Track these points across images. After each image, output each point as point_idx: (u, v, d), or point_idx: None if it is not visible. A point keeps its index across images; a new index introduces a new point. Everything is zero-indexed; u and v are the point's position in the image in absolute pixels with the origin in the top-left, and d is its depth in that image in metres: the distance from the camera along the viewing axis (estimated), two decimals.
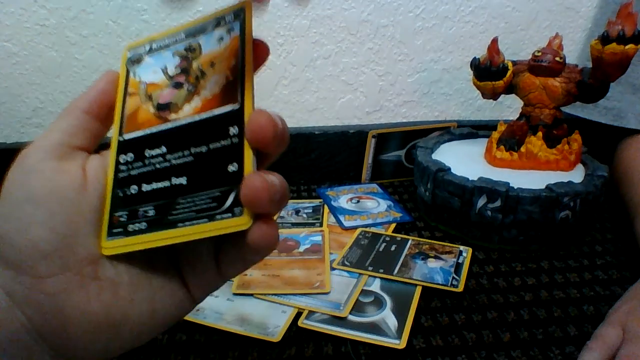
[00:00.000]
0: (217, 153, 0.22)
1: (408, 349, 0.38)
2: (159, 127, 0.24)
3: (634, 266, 0.49)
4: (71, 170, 0.23)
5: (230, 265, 0.24)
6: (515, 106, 0.75)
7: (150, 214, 0.22)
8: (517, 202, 0.48)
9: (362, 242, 0.53)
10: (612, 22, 0.47)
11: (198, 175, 0.22)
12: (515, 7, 0.70)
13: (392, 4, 0.67)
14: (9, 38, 0.61)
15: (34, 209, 0.21)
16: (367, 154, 0.69)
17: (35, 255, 0.21)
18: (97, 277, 0.22)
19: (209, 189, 0.21)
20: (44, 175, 0.22)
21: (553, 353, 0.38)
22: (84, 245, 0.22)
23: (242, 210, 0.20)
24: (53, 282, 0.21)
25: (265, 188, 0.20)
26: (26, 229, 0.21)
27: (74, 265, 0.21)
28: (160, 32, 0.28)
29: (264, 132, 0.21)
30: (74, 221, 0.22)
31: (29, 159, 0.23)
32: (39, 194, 0.21)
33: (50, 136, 0.24)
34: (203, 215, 0.21)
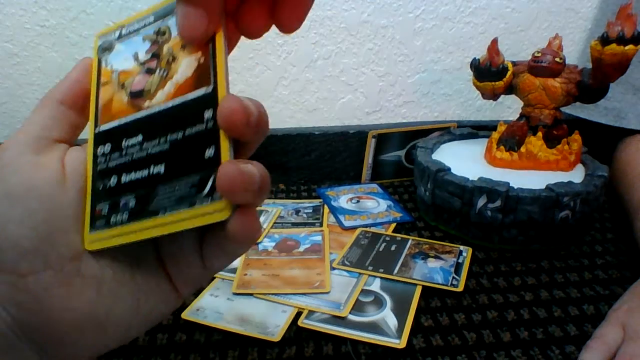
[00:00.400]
0: (193, 138, 0.21)
1: (408, 349, 0.38)
2: (134, 116, 0.24)
3: (634, 266, 0.49)
4: (49, 165, 0.22)
5: (214, 258, 0.24)
6: (515, 106, 0.75)
7: (132, 204, 0.22)
8: (517, 202, 0.48)
9: (362, 241, 0.53)
10: (612, 23, 0.47)
11: (176, 162, 0.22)
12: (515, 8, 0.70)
13: (392, 4, 0.67)
14: (10, 39, 0.61)
15: (11, 207, 0.21)
16: (367, 154, 0.69)
17: (15, 254, 0.20)
18: (79, 273, 0.22)
19: (187, 175, 0.21)
20: (21, 170, 0.21)
21: (553, 353, 0.38)
22: (65, 241, 0.21)
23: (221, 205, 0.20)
24: (35, 279, 0.21)
25: (240, 177, 0.19)
26: (5, 226, 0.20)
27: (55, 262, 0.21)
28: (130, 17, 0.27)
29: (235, 118, 0.20)
30: (53, 217, 0.21)
31: (6, 154, 0.22)
32: (16, 190, 0.21)
33: (27, 129, 0.23)
34: (184, 201, 0.21)
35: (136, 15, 0.26)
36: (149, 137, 0.23)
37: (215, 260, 0.24)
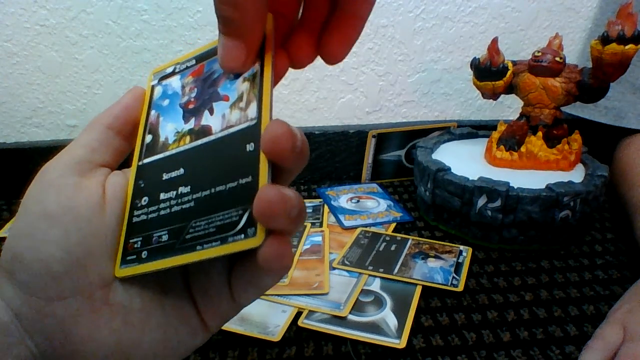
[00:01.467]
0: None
1: (408, 349, 0.38)
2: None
3: (634, 266, 0.49)
4: (91, 188, 0.22)
5: (243, 290, 0.23)
6: (515, 106, 0.75)
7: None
8: (517, 202, 0.48)
9: (362, 241, 0.53)
10: (612, 23, 0.47)
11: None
12: (515, 7, 0.70)
13: (392, 4, 0.67)
14: (9, 38, 0.61)
15: (49, 227, 0.20)
16: (367, 154, 0.69)
17: (46, 277, 0.20)
18: (108, 302, 0.21)
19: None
20: (62, 191, 0.21)
21: (553, 353, 0.38)
22: (97, 268, 0.21)
23: (255, 230, 0.19)
24: (63, 305, 0.20)
25: (280, 201, 0.18)
26: (39, 247, 0.20)
27: (85, 289, 0.21)
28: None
29: (280, 142, 0.19)
30: (88, 242, 0.21)
31: (49, 174, 0.22)
32: (55, 210, 0.20)
33: (72, 151, 0.23)
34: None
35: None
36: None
37: (244, 293, 0.23)
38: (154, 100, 0.27)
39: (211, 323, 0.24)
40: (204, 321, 0.24)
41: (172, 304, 0.23)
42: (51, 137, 0.67)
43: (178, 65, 0.27)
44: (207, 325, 0.24)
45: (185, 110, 0.25)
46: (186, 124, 0.24)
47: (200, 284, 0.24)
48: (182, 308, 0.23)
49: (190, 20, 0.64)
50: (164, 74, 0.28)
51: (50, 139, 0.67)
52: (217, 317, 0.24)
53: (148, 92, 0.27)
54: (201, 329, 0.24)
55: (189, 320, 0.23)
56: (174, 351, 0.23)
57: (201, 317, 0.24)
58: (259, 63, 0.23)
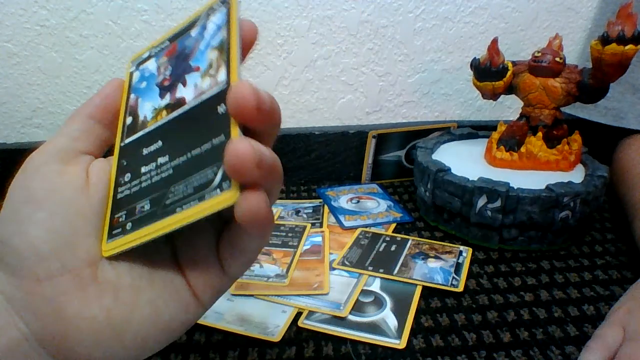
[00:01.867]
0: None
1: (408, 349, 0.38)
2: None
3: (634, 266, 0.49)
4: (73, 173, 0.23)
5: (231, 258, 0.23)
6: (515, 106, 0.75)
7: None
8: (517, 202, 0.48)
9: (362, 242, 0.53)
10: (612, 23, 0.47)
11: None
12: (515, 7, 0.70)
13: (392, 4, 0.67)
14: (9, 38, 0.61)
15: (33, 210, 0.21)
16: (367, 154, 0.69)
17: (33, 258, 0.20)
18: (97, 279, 0.21)
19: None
20: (45, 177, 0.22)
21: (553, 353, 0.38)
22: (83, 246, 0.21)
23: (230, 183, 0.19)
24: (51, 284, 0.20)
25: (249, 151, 0.18)
26: (25, 231, 0.21)
27: (73, 268, 0.21)
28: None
29: (244, 101, 0.19)
30: (73, 222, 0.21)
31: (33, 162, 0.23)
32: (38, 195, 0.21)
33: (55, 140, 0.24)
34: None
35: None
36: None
37: (233, 262, 0.24)
38: (132, 85, 0.27)
39: (204, 297, 0.24)
40: (195, 295, 0.24)
41: (161, 279, 0.23)
42: None
43: (153, 49, 0.28)
44: (199, 300, 0.24)
45: (161, 88, 0.26)
46: (162, 100, 0.25)
47: (188, 255, 0.24)
48: (172, 282, 0.23)
49: None
50: (140, 60, 0.29)
51: None
52: (209, 289, 0.24)
53: (127, 79, 0.28)
54: (193, 303, 0.24)
55: (179, 295, 0.23)
56: (167, 326, 0.23)
57: (192, 290, 0.24)
58: (226, 30, 0.24)
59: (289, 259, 0.49)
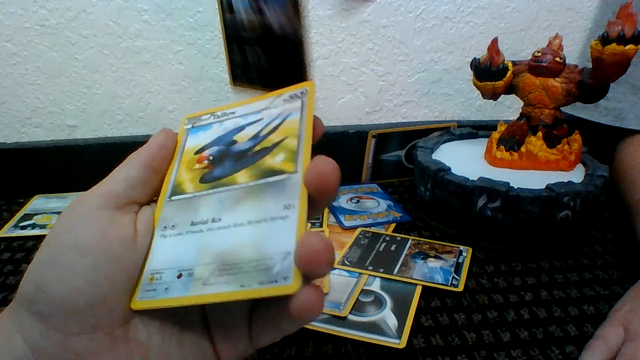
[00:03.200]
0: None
1: (408, 349, 0.38)
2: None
3: (634, 266, 0.49)
4: (125, 223, 0.22)
5: (263, 333, 0.23)
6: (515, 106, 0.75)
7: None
8: (517, 202, 0.48)
9: (362, 241, 0.53)
10: (612, 23, 0.47)
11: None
12: (515, 7, 0.70)
13: (392, 4, 0.67)
14: (10, 38, 0.61)
15: (79, 257, 0.20)
16: (367, 154, 0.69)
17: (68, 309, 0.19)
18: (128, 339, 0.21)
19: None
20: (96, 223, 0.21)
21: (553, 353, 0.38)
22: (120, 303, 0.21)
23: (291, 278, 0.19)
24: (83, 340, 0.19)
25: (325, 249, 0.18)
26: (66, 279, 0.19)
27: (106, 325, 0.20)
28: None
29: (327, 177, 0.20)
30: (116, 278, 0.20)
31: (84, 204, 0.21)
32: (86, 242, 0.20)
33: (110, 184, 0.23)
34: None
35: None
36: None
37: (264, 335, 0.23)
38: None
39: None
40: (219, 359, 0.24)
41: (190, 341, 0.23)
42: (51, 137, 0.67)
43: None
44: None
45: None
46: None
47: (219, 322, 0.23)
48: (200, 345, 0.23)
49: (190, 20, 0.64)
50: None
51: (50, 139, 0.67)
52: (233, 355, 0.24)
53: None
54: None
55: (205, 358, 0.23)
56: None
57: (217, 356, 0.23)
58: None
59: None
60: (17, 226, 0.56)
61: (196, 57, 0.66)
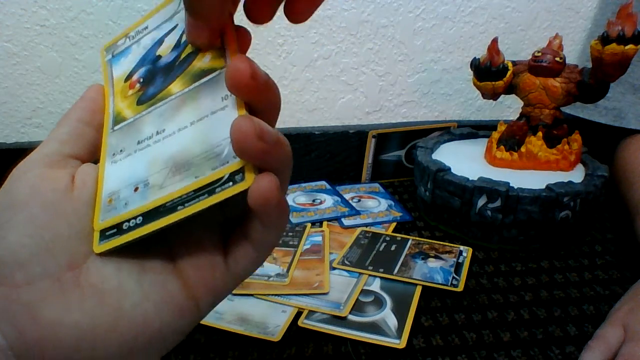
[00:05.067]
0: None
1: (408, 349, 0.38)
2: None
3: (634, 266, 0.49)
4: (57, 176, 0.22)
5: (239, 253, 0.22)
6: (515, 106, 0.75)
7: None
8: (517, 202, 0.48)
9: (362, 241, 0.53)
10: (612, 23, 0.47)
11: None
12: (515, 7, 0.70)
13: (392, 4, 0.67)
14: (9, 38, 0.61)
15: (14, 214, 0.20)
16: (367, 154, 0.69)
17: (11, 263, 0.19)
18: (79, 283, 0.20)
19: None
20: (29, 181, 0.21)
21: (553, 353, 0.38)
22: (65, 250, 0.20)
23: (244, 176, 0.19)
24: (30, 290, 0.19)
25: (250, 123, 0.18)
26: (5, 236, 0.20)
27: (53, 272, 0.20)
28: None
29: (242, 74, 0.19)
30: (54, 225, 0.20)
31: (19, 168, 0.22)
32: (20, 198, 0.20)
33: (42, 146, 0.23)
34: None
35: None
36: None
37: (241, 257, 0.22)
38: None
39: (202, 301, 0.22)
40: (193, 298, 0.22)
41: (152, 280, 0.21)
42: None
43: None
44: (197, 304, 0.22)
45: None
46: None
47: (187, 252, 0.22)
48: (165, 284, 0.21)
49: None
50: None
51: None
52: (209, 291, 0.22)
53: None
54: (190, 309, 0.22)
55: (173, 298, 0.21)
56: (158, 334, 0.21)
57: (189, 293, 0.22)
58: None
59: (289, 258, 0.49)
60: None
61: None
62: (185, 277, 0.22)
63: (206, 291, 0.22)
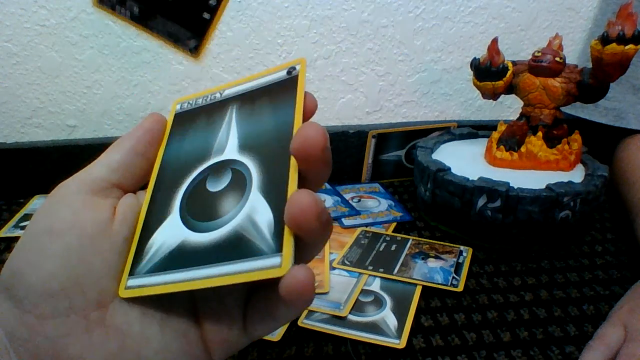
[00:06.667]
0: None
1: (408, 349, 0.38)
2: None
3: (634, 266, 0.49)
4: (100, 206, 0.21)
5: (258, 321, 0.22)
6: (515, 106, 0.75)
7: None
8: (517, 202, 0.48)
9: (363, 241, 0.53)
10: (612, 23, 0.47)
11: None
12: (515, 7, 0.70)
13: (392, 4, 0.67)
14: (9, 38, 0.61)
15: (51, 242, 0.20)
16: (367, 154, 0.69)
17: (42, 293, 0.19)
18: (104, 323, 0.20)
19: None
20: (70, 207, 0.21)
21: (553, 353, 0.38)
22: (95, 287, 0.20)
23: (281, 261, 0.18)
24: (56, 324, 0.19)
25: (313, 202, 0.18)
26: (39, 263, 0.19)
27: (81, 308, 0.20)
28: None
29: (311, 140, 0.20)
30: (90, 260, 0.20)
31: (62, 189, 0.21)
32: (59, 225, 0.20)
33: (90, 169, 0.22)
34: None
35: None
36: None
37: (259, 325, 0.22)
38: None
39: (216, 353, 0.23)
40: (208, 350, 0.22)
41: (174, 329, 0.22)
42: (51, 137, 0.67)
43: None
44: (210, 356, 0.23)
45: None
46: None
47: (210, 309, 0.23)
48: (185, 334, 0.22)
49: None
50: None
51: (50, 139, 0.67)
52: (224, 347, 0.23)
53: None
54: (204, 359, 0.22)
55: (191, 348, 0.22)
56: None
57: (206, 345, 0.22)
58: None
59: None
60: (17, 226, 0.56)
61: None
62: (204, 330, 0.22)
63: (220, 346, 0.23)
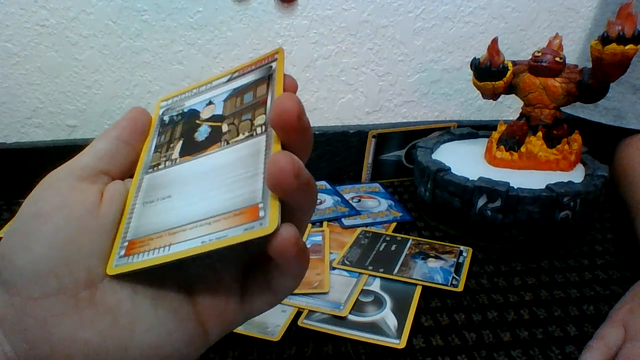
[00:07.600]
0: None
1: (408, 349, 0.38)
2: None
3: (634, 266, 0.49)
4: (87, 190, 0.22)
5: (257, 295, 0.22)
6: (515, 106, 0.75)
7: None
8: (517, 202, 0.48)
9: (363, 241, 0.53)
10: (612, 23, 0.47)
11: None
12: (515, 7, 0.70)
13: (392, 4, 0.67)
14: (9, 38, 0.61)
15: (40, 225, 0.20)
16: (367, 154, 0.69)
17: (31, 275, 0.19)
18: (94, 302, 0.20)
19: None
20: (58, 192, 0.21)
21: (553, 353, 0.38)
22: (84, 266, 0.20)
23: (267, 221, 0.19)
24: (45, 304, 0.19)
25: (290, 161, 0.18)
26: (28, 246, 0.20)
27: (70, 288, 0.20)
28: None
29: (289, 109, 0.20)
30: (78, 240, 0.20)
31: (50, 177, 0.22)
32: (47, 209, 0.20)
33: (77, 158, 0.23)
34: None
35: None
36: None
37: (257, 298, 0.22)
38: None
39: (212, 331, 0.23)
40: (203, 327, 0.22)
41: (167, 306, 0.22)
42: (51, 137, 0.67)
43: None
44: (206, 333, 0.23)
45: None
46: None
47: (206, 283, 0.23)
48: (178, 311, 0.22)
49: (190, 20, 0.64)
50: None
51: (50, 139, 0.67)
52: (220, 324, 0.23)
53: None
54: (199, 337, 0.22)
55: (185, 326, 0.22)
56: (167, 358, 0.21)
57: (201, 322, 0.22)
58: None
59: None
60: None
61: (196, 57, 0.66)
62: (199, 307, 0.22)
63: (217, 322, 0.23)
